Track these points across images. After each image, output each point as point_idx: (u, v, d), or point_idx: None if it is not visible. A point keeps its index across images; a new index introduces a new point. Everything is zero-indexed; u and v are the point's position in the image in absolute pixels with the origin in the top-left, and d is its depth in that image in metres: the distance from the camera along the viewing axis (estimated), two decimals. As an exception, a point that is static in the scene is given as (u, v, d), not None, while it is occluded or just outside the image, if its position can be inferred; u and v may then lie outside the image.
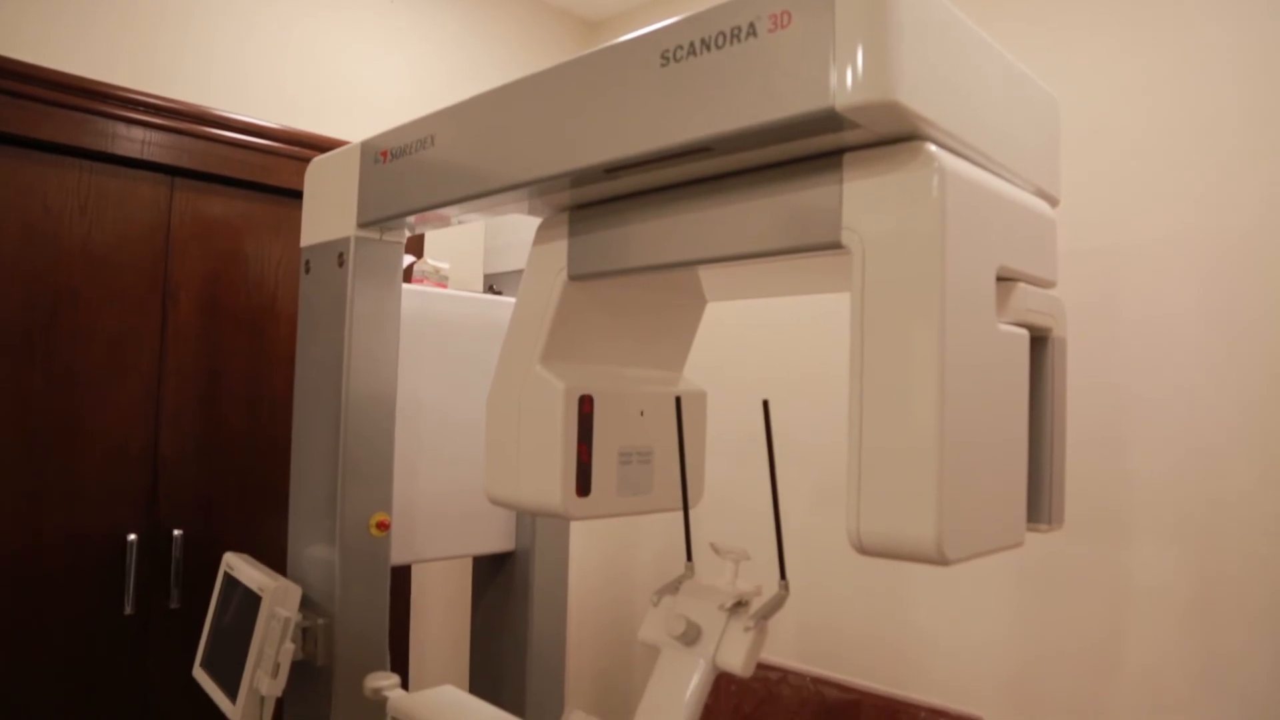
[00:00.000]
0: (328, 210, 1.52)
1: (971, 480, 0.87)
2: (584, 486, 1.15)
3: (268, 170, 1.89)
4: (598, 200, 1.14)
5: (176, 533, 1.77)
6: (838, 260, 0.94)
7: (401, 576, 2.06)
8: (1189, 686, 1.50)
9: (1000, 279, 0.93)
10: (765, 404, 1.01)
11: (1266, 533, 1.44)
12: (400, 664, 1.92)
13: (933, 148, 0.81)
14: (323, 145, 1.82)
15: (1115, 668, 1.56)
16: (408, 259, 1.60)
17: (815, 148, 0.89)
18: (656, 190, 1.07)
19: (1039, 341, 1.04)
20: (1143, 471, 1.56)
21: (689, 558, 1.16)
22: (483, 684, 1.78)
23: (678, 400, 1.18)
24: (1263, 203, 1.46)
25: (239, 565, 1.55)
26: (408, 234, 1.53)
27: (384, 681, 1.29)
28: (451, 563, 2.39)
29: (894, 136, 0.84)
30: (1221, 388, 1.49)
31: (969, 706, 1.28)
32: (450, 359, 1.67)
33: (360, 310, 1.49)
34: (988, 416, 0.89)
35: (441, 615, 2.37)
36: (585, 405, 1.15)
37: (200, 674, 1.59)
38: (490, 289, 1.89)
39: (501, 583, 1.78)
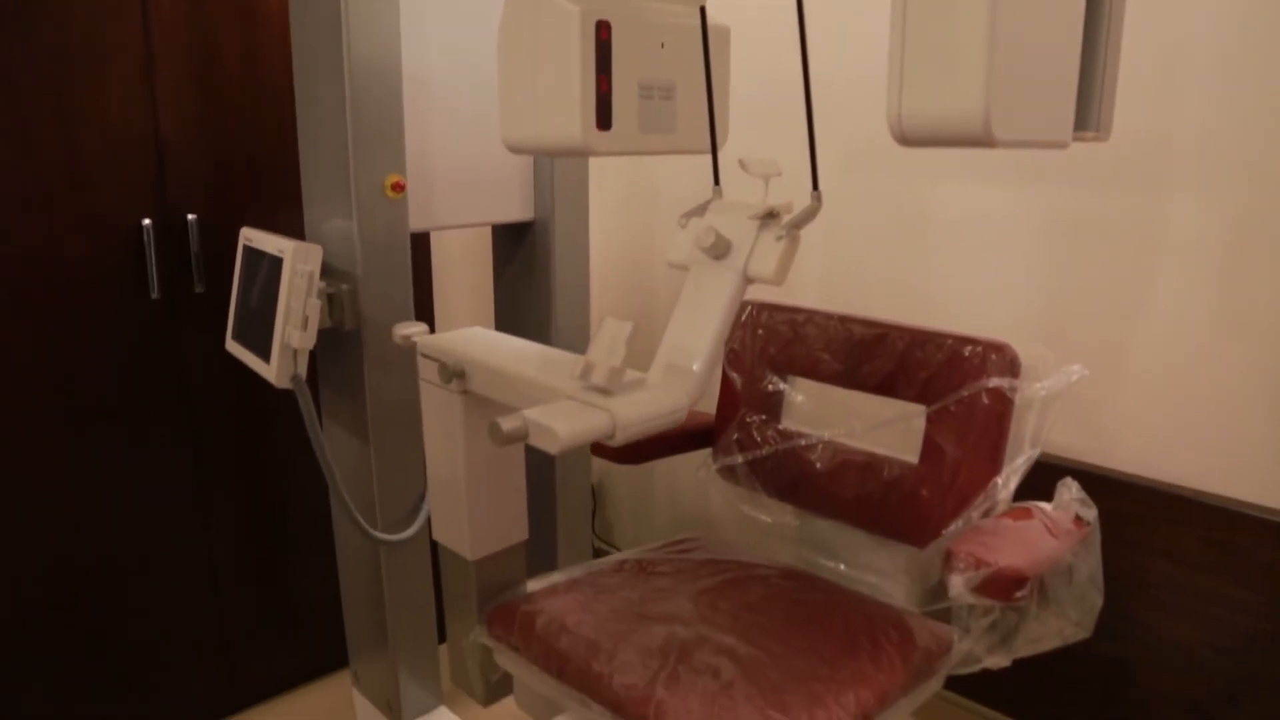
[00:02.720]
0: None
1: (1022, 59, 0.82)
2: (604, 120, 1.10)
3: None
4: None
5: (190, 217, 1.74)
6: None
7: (423, 248, 2.05)
8: (1210, 334, 1.51)
9: None
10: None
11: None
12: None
13: None
14: None
15: (1140, 313, 1.56)
16: (399, -98, 1.46)
17: None
18: None
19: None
20: (1187, 121, 1.49)
21: (716, 182, 1.13)
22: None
23: (702, 11, 1.10)
24: None
25: (257, 236, 1.54)
26: None
27: (413, 328, 1.31)
28: (473, 240, 2.39)
29: None
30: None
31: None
32: (457, 13, 1.56)
33: (353, -45, 1.38)
34: (1044, -8, 0.83)
35: (465, 291, 2.40)
36: (602, 31, 1.07)
37: (233, 345, 1.62)
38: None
39: (523, 254, 1.77)
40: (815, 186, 1.00)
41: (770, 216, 1.01)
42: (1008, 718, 1.84)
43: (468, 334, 1.30)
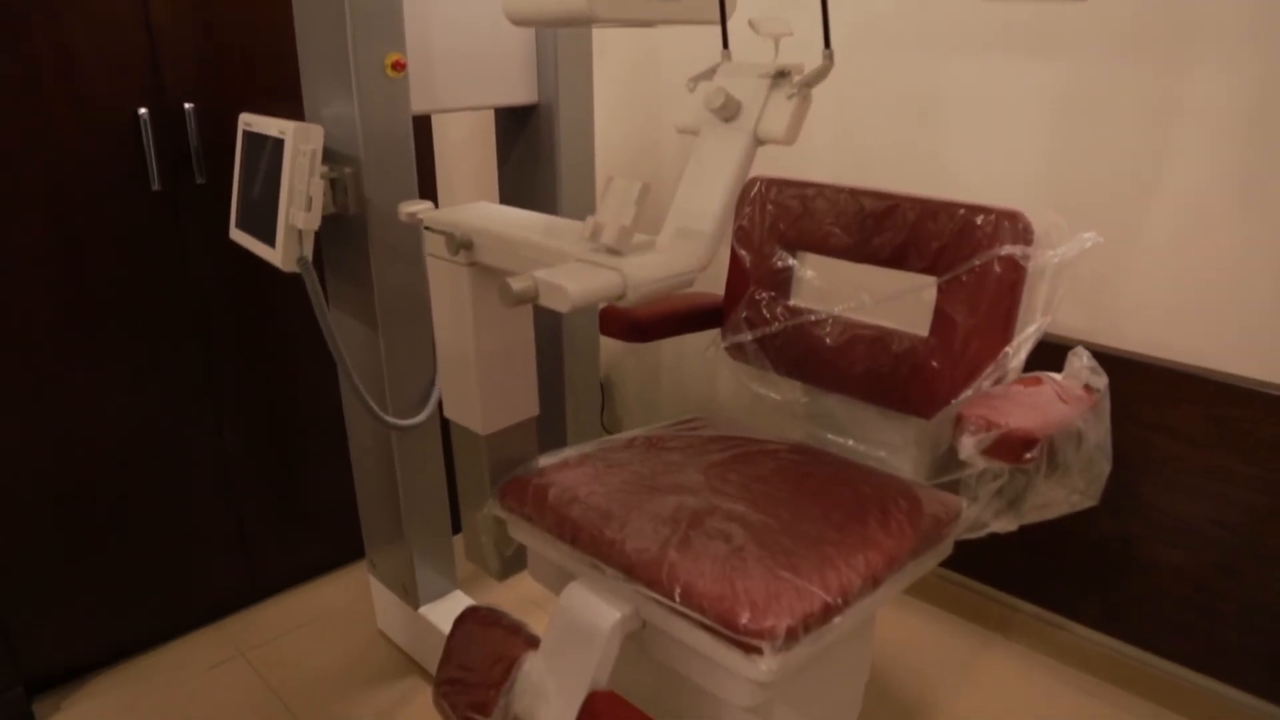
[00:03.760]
0: None
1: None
2: (610, -17, 1.06)
3: None
4: None
5: (188, 106, 1.71)
6: None
7: (424, 134, 2.03)
8: (1228, 207, 1.49)
9: None
10: None
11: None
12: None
13: None
14: None
15: (1156, 187, 1.54)
16: None
17: None
18: None
19: None
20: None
21: (725, 46, 1.10)
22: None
23: None
24: None
25: (257, 120, 1.51)
26: None
27: (418, 205, 1.29)
28: (475, 123, 2.36)
29: None
30: None
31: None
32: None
33: None
34: None
35: (468, 177, 2.37)
36: (606, -113, 1.03)
37: (237, 234, 1.61)
38: None
39: (527, 138, 1.75)
40: (827, 45, 0.98)
41: (781, 76, 0.99)
42: (1013, 595, 1.88)
43: (473, 207, 1.29)
